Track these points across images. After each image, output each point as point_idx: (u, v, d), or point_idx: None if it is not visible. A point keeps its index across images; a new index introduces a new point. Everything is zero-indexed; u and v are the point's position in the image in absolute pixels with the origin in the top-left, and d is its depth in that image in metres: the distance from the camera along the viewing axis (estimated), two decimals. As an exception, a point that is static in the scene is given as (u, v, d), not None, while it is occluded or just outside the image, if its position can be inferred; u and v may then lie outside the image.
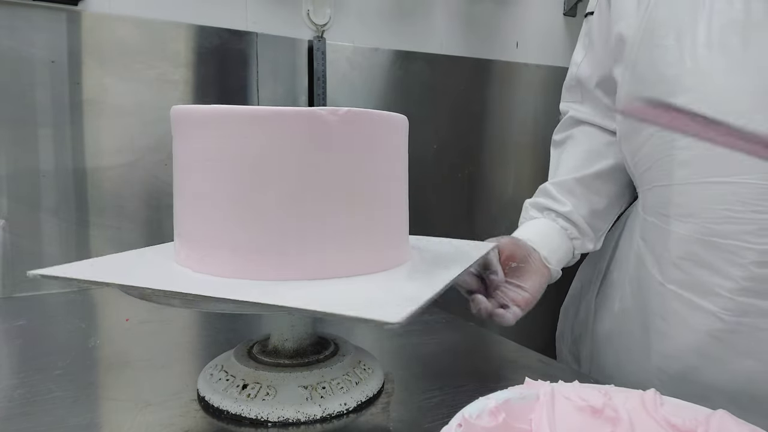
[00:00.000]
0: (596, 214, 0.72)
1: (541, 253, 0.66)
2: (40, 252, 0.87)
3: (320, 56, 1.06)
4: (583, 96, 0.76)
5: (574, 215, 0.70)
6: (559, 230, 0.70)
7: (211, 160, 0.43)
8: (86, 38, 0.88)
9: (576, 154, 0.74)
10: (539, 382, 0.37)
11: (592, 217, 0.71)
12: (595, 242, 0.72)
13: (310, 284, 0.41)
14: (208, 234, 0.43)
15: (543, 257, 0.66)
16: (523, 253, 0.64)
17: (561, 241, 0.69)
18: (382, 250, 0.46)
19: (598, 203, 0.72)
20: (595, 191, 0.72)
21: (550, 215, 0.71)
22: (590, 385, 0.37)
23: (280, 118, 0.41)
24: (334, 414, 0.44)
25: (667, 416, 0.34)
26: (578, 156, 0.74)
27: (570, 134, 0.76)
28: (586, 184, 0.72)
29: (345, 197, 0.43)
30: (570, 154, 0.75)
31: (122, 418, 0.44)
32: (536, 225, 0.70)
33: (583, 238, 0.71)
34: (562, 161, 0.75)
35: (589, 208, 0.71)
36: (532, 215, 0.73)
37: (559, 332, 0.85)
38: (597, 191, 0.72)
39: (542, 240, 0.68)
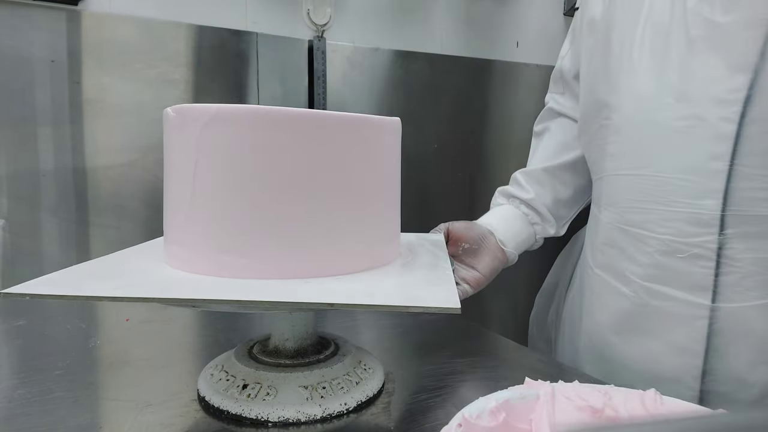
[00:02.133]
0: (560, 203, 0.77)
1: (497, 236, 0.70)
2: (40, 252, 0.87)
3: (320, 56, 1.06)
4: (565, 88, 0.81)
5: (536, 202, 0.75)
6: (520, 216, 0.75)
7: (201, 160, 0.43)
8: (86, 38, 0.88)
9: (549, 146, 0.80)
10: (539, 382, 0.37)
11: (556, 205, 0.76)
12: (557, 228, 0.77)
13: (310, 282, 0.41)
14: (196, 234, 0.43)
15: (499, 240, 0.70)
16: (476, 235, 0.68)
17: (522, 226, 0.74)
18: (374, 248, 0.46)
19: (562, 192, 0.77)
20: (561, 181, 0.77)
21: (515, 202, 0.76)
22: (590, 385, 0.37)
23: (271, 118, 0.41)
24: (334, 414, 0.44)
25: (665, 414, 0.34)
26: (551, 147, 0.79)
27: (547, 126, 0.82)
28: (553, 173, 0.77)
29: (336, 199, 0.43)
30: (544, 146, 0.80)
31: (122, 418, 0.44)
32: (499, 210, 0.76)
33: (543, 223, 0.75)
34: (537, 151, 0.81)
35: (554, 197, 0.76)
36: (499, 202, 0.78)
37: (532, 316, 0.90)
38: (562, 181, 0.77)
39: (501, 224, 0.72)
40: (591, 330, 0.67)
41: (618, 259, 0.63)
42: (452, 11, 1.21)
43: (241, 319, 0.70)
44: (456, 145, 1.24)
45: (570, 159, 0.77)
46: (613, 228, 0.63)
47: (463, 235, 0.67)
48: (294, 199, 0.42)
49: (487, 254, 0.68)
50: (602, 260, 0.65)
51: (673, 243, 0.57)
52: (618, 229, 0.63)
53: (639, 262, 0.60)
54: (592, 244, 0.69)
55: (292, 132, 0.41)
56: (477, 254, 0.67)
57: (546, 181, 0.76)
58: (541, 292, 0.90)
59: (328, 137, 0.42)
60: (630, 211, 0.61)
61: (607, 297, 0.64)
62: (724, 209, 0.54)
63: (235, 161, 0.42)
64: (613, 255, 0.63)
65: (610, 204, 0.64)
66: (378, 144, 0.46)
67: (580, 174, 0.77)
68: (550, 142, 0.80)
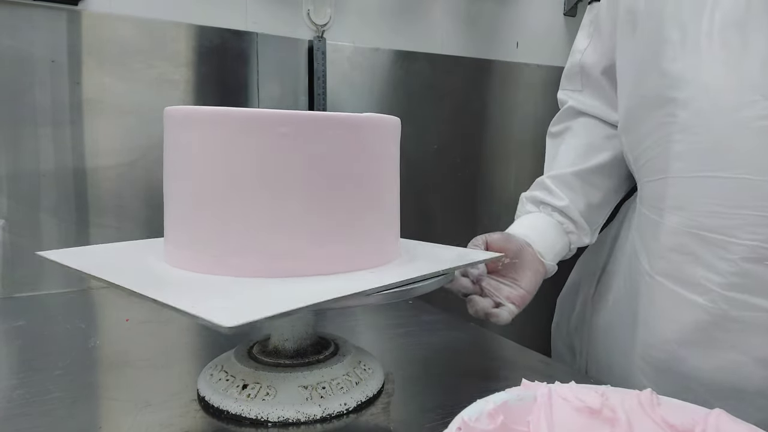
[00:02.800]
0: (592, 208, 0.72)
1: (535, 248, 0.65)
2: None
3: (320, 56, 1.06)
4: (584, 84, 0.75)
5: (571, 210, 0.70)
6: (555, 225, 0.69)
7: (200, 160, 0.43)
8: (86, 38, 0.88)
9: (575, 148, 0.74)
10: (536, 383, 0.37)
11: (589, 211, 0.71)
12: (591, 236, 0.72)
13: (310, 280, 0.41)
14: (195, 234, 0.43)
15: (537, 252, 0.65)
16: (515, 248, 0.64)
17: (557, 235, 0.69)
18: (374, 248, 0.46)
19: (594, 197, 0.72)
20: (593, 185, 0.72)
21: (547, 209, 0.71)
22: (587, 386, 0.37)
23: (271, 120, 0.41)
24: (334, 414, 0.44)
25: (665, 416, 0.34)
26: (577, 149, 0.74)
27: (568, 126, 0.76)
28: (584, 178, 0.72)
29: (335, 199, 0.43)
30: (568, 147, 0.74)
31: (122, 418, 0.44)
32: (532, 219, 0.70)
33: (579, 232, 0.71)
34: (560, 154, 0.75)
35: (586, 202, 0.71)
36: (528, 209, 0.72)
37: (555, 324, 0.85)
38: (594, 185, 0.72)
39: (537, 235, 0.67)
40: (651, 343, 0.62)
41: (690, 267, 0.58)
42: (452, 11, 1.21)
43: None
44: (456, 146, 1.24)
45: (601, 161, 0.72)
46: (683, 233, 0.58)
47: (504, 248, 0.62)
48: (293, 200, 0.42)
49: (529, 268, 0.63)
50: (668, 268, 0.60)
51: (762, 249, 0.53)
52: (690, 235, 0.58)
53: (718, 270, 0.55)
54: (649, 250, 0.63)
55: (291, 134, 0.41)
56: (517, 269, 0.63)
57: (577, 186, 0.71)
58: (562, 299, 0.84)
59: (328, 138, 0.42)
60: (705, 216, 0.56)
61: (675, 307, 0.59)
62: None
63: (235, 163, 0.42)
64: (684, 262, 0.58)
65: (678, 207, 0.59)
66: (377, 144, 0.46)
67: (611, 176, 0.73)
68: (575, 142, 0.74)
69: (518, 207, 0.74)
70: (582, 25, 0.77)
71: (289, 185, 0.42)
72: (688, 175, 0.58)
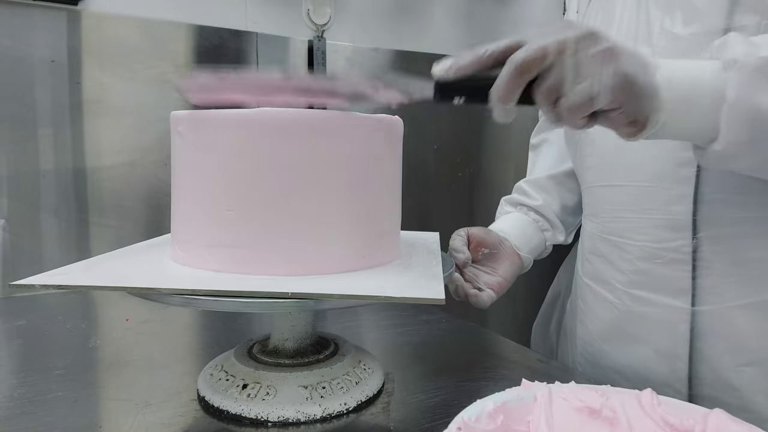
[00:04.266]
0: (567, 210, 0.77)
1: (511, 242, 0.71)
2: (40, 252, 0.87)
3: (320, 56, 1.06)
4: None
5: (545, 209, 0.76)
6: (530, 222, 0.75)
7: (208, 161, 0.43)
8: (86, 38, 0.88)
9: (550, 155, 0.80)
10: (536, 383, 0.37)
11: (563, 212, 0.77)
12: (565, 235, 0.77)
13: (312, 279, 0.41)
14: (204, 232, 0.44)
15: (514, 245, 0.71)
16: (494, 240, 0.69)
17: (533, 232, 0.74)
18: (376, 247, 0.47)
19: (569, 199, 0.77)
20: (567, 188, 0.77)
21: (523, 209, 0.77)
22: (587, 386, 0.37)
23: (276, 120, 0.41)
24: (334, 414, 0.44)
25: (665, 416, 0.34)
26: (552, 156, 0.80)
27: (545, 137, 0.83)
28: (558, 180, 0.77)
29: (339, 197, 0.43)
30: (545, 155, 0.81)
31: (122, 418, 0.44)
32: (509, 218, 0.76)
33: (553, 230, 0.76)
34: (538, 162, 0.82)
35: (561, 204, 0.77)
36: (507, 210, 0.78)
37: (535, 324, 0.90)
38: (568, 188, 0.77)
39: (514, 230, 0.73)
40: (584, 338, 0.68)
41: (603, 268, 0.64)
42: (452, 11, 1.21)
43: (241, 319, 0.70)
44: (456, 146, 1.24)
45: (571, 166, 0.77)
46: (596, 237, 0.65)
47: (484, 240, 0.68)
48: (297, 199, 0.42)
49: (506, 258, 0.69)
50: (589, 269, 0.67)
51: (651, 249, 0.58)
52: (600, 239, 0.64)
53: (621, 270, 0.61)
54: (581, 254, 0.70)
55: (296, 133, 0.42)
56: (497, 259, 0.68)
57: (552, 188, 0.77)
58: (545, 302, 0.90)
59: (333, 137, 0.43)
60: (610, 221, 0.62)
61: (596, 305, 0.66)
62: (695, 213, 0.55)
63: (240, 162, 0.42)
64: (598, 264, 0.65)
65: (592, 214, 0.66)
66: (380, 144, 0.46)
67: None
68: (551, 150, 0.80)
69: (498, 209, 0.81)
70: None
71: (296, 185, 0.42)
72: (596, 185, 0.64)
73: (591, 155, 0.64)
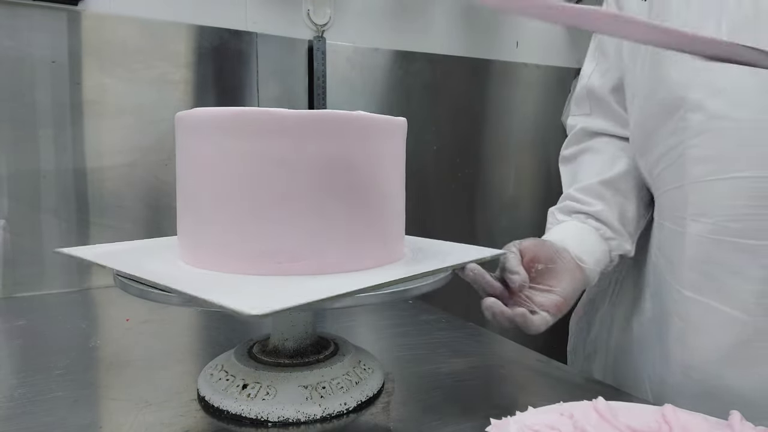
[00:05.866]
0: (627, 217, 0.67)
1: (572, 252, 0.61)
2: (40, 252, 0.87)
3: (320, 56, 1.06)
4: (592, 107, 0.73)
5: (606, 214, 0.65)
6: (591, 230, 0.65)
7: (212, 161, 0.43)
8: (86, 38, 0.88)
9: (596, 161, 0.70)
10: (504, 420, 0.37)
11: (623, 219, 0.67)
12: (632, 244, 0.67)
13: (315, 279, 0.41)
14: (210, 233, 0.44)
15: (575, 256, 0.61)
16: (550, 253, 0.59)
17: (595, 240, 0.64)
18: (379, 247, 0.46)
19: (627, 206, 0.68)
20: (622, 194, 0.68)
21: (579, 217, 0.66)
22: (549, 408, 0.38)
23: (280, 121, 0.41)
24: (334, 414, 0.44)
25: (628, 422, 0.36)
26: (599, 162, 0.70)
27: (586, 146, 0.73)
28: (613, 185, 0.68)
29: (344, 198, 0.43)
30: (590, 162, 0.71)
31: (122, 418, 0.44)
32: (565, 227, 0.66)
33: (619, 238, 0.66)
34: (581, 170, 0.71)
35: (620, 210, 0.67)
36: (560, 219, 0.68)
37: (570, 348, 0.81)
38: (624, 194, 0.68)
39: (573, 239, 0.63)
40: (687, 362, 0.58)
41: (720, 278, 0.55)
42: (452, 11, 1.21)
43: (241, 319, 0.70)
44: (456, 146, 1.24)
45: (624, 168, 0.68)
46: (708, 242, 0.55)
47: (537, 254, 0.58)
48: (301, 200, 0.42)
49: (566, 273, 0.59)
50: (695, 280, 0.57)
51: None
52: (715, 243, 0.55)
53: (749, 278, 0.52)
54: (673, 263, 0.60)
55: (301, 133, 0.41)
56: (552, 274, 0.58)
57: (607, 194, 0.67)
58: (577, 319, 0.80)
59: (338, 138, 0.42)
60: (731, 219, 0.53)
61: (711, 324, 0.56)
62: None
63: (244, 163, 0.42)
64: (713, 273, 0.55)
65: (701, 214, 0.56)
66: (385, 144, 0.46)
67: (638, 185, 0.68)
68: (597, 158, 0.71)
69: (548, 220, 0.70)
70: (588, 52, 0.76)
71: (298, 185, 0.42)
72: (709, 179, 0.55)
73: (699, 146, 0.55)
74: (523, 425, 0.36)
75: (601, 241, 0.64)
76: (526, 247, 0.58)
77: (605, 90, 0.71)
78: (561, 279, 0.58)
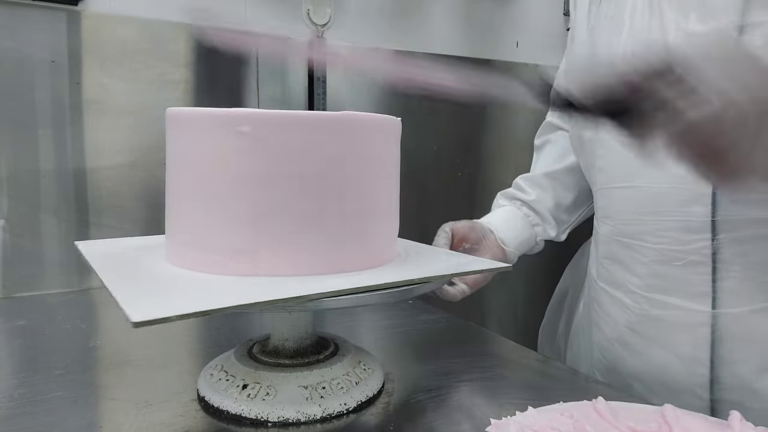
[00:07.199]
0: (561, 207, 0.77)
1: (497, 235, 0.71)
2: (40, 252, 0.87)
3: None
4: None
5: (538, 204, 0.76)
6: (521, 216, 0.75)
7: (202, 160, 0.43)
8: (86, 38, 0.88)
9: (550, 154, 0.81)
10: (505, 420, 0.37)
11: (558, 208, 0.77)
12: (557, 231, 0.77)
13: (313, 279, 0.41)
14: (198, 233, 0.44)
15: (499, 239, 0.71)
16: (478, 235, 0.69)
17: (522, 226, 0.74)
18: (372, 248, 0.46)
19: (564, 196, 0.77)
20: (562, 185, 0.78)
21: (516, 203, 0.77)
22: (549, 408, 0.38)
23: (273, 121, 0.41)
24: (334, 414, 0.44)
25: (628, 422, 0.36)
26: (551, 155, 0.81)
27: (547, 139, 0.83)
28: (555, 177, 0.78)
29: (336, 198, 0.43)
30: (546, 155, 0.82)
31: (122, 418, 0.44)
32: (501, 211, 0.77)
33: (544, 224, 0.76)
34: (539, 162, 0.82)
35: (555, 201, 0.77)
36: (501, 203, 0.79)
37: (542, 326, 0.90)
38: (564, 185, 0.78)
39: (502, 223, 0.73)
40: (601, 343, 0.67)
41: (619, 272, 0.63)
42: (452, 11, 1.21)
43: (241, 319, 0.70)
44: (456, 146, 1.24)
45: (569, 164, 0.78)
46: (611, 241, 0.64)
47: (466, 235, 0.68)
48: (293, 199, 0.42)
49: (487, 253, 0.68)
50: (604, 273, 0.66)
51: (669, 251, 0.57)
52: (615, 242, 0.63)
53: (638, 273, 0.60)
54: (595, 257, 0.69)
55: (293, 134, 0.42)
56: (476, 254, 0.67)
57: (547, 185, 0.78)
58: (551, 303, 0.89)
59: (330, 138, 0.43)
60: (624, 223, 0.62)
61: (612, 309, 0.64)
62: (713, 214, 0.54)
63: (237, 163, 0.42)
64: (614, 268, 0.64)
65: (606, 217, 0.65)
66: (376, 144, 0.46)
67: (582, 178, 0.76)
68: (551, 151, 0.81)
69: (494, 202, 0.81)
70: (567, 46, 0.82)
71: (288, 185, 0.42)
72: (609, 186, 0.63)
73: (602, 157, 0.63)
74: (523, 425, 0.36)
75: (529, 227, 0.75)
76: (459, 228, 0.67)
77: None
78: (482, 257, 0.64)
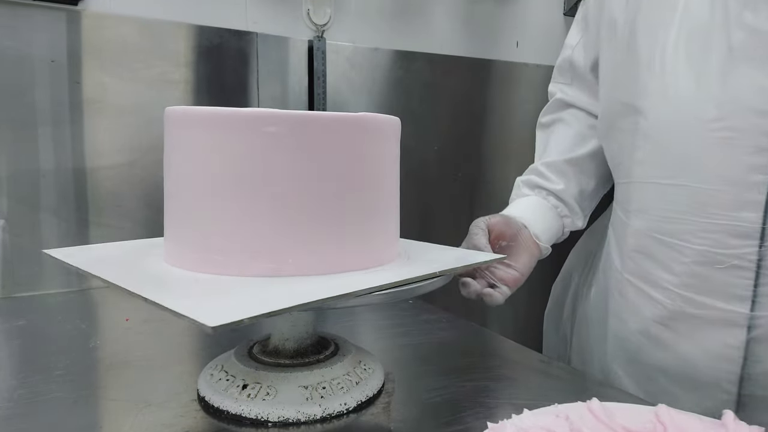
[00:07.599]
0: (585, 195, 0.75)
1: (531, 230, 0.68)
2: (39, 252, 0.86)
3: (320, 56, 1.06)
4: (573, 79, 0.78)
5: (565, 194, 0.73)
6: (550, 208, 0.72)
7: (201, 161, 0.43)
8: (86, 38, 0.88)
9: (566, 137, 0.77)
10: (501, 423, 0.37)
11: (581, 197, 0.75)
12: (583, 221, 0.75)
13: (312, 279, 0.41)
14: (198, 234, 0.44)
15: (533, 234, 0.68)
16: (513, 231, 0.66)
17: (553, 219, 0.72)
18: (374, 247, 0.46)
19: (587, 184, 0.75)
20: (585, 172, 0.75)
21: (542, 193, 0.73)
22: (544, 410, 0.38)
23: (270, 120, 0.41)
24: (334, 414, 0.44)
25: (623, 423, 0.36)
26: (568, 138, 0.77)
27: (559, 117, 0.79)
28: (577, 164, 0.75)
29: (334, 198, 0.43)
30: (560, 136, 0.78)
31: (122, 418, 0.44)
32: (528, 202, 0.73)
33: (573, 216, 0.73)
34: (551, 142, 0.78)
35: (579, 189, 0.74)
36: (524, 192, 0.75)
37: (547, 311, 0.88)
38: (586, 173, 0.75)
39: (534, 217, 0.70)
40: (621, 334, 0.66)
41: (651, 268, 0.61)
42: (452, 11, 1.21)
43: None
44: (456, 146, 1.24)
45: (590, 150, 0.75)
46: (644, 236, 0.62)
47: (503, 232, 0.65)
48: (292, 199, 0.42)
49: (525, 250, 0.65)
50: (633, 267, 0.64)
51: (711, 254, 0.56)
52: (650, 238, 0.61)
53: (675, 272, 0.59)
54: (620, 248, 0.66)
55: (291, 134, 0.41)
56: (513, 251, 0.65)
57: (570, 172, 0.74)
58: (555, 287, 0.87)
59: (327, 138, 0.43)
60: (663, 221, 0.59)
61: (640, 302, 0.63)
62: (765, 221, 0.53)
63: (235, 162, 0.42)
64: (646, 263, 0.62)
65: (640, 211, 0.62)
66: (375, 144, 0.46)
67: (601, 164, 0.74)
68: (566, 132, 0.77)
69: (513, 190, 0.77)
70: (575, 19, 0.79)
71: (290, 185, 0.42)
72: (648, 181, 0.61)
73: (644, 149, 0.60)
74: (520, 428, 0.36)
75: (558, 218, 0.72)
76: (494, 224, 0.64)
77: (587, 66, 0.78)
78: (520, 255, 0.65)
